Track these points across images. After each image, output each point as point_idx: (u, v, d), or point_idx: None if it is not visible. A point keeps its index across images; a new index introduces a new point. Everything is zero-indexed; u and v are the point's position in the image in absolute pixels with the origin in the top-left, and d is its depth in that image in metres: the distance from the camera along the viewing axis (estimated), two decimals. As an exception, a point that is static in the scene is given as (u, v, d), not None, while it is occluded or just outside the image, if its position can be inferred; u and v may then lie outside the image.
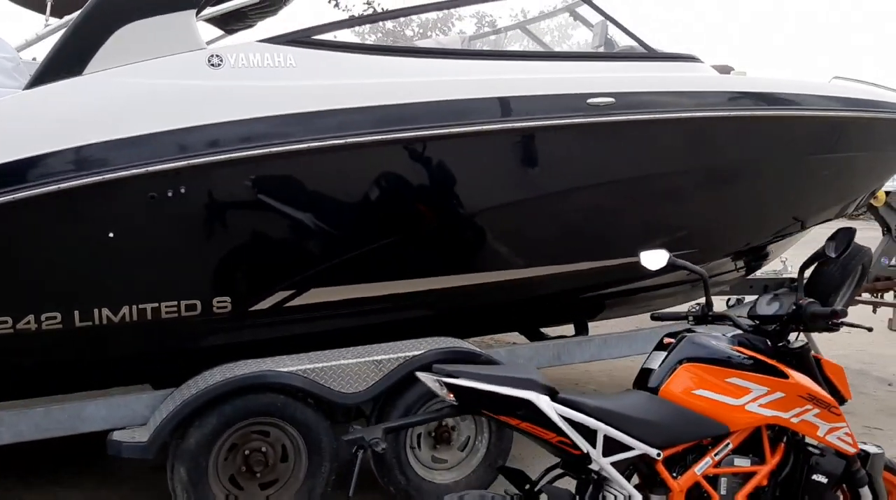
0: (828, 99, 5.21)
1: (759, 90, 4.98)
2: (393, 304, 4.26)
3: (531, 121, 4.22)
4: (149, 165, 3.51)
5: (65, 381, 3.87)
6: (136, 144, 3.52)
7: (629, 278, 5.12)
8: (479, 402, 2.53)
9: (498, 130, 4.18)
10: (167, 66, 3.65)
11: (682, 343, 2.79)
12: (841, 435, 2.80)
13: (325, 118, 3.84)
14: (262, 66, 3.78)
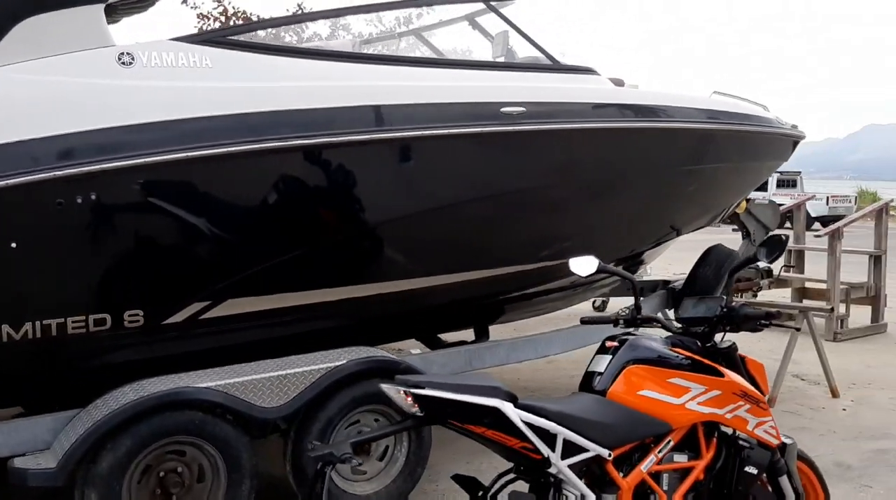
0: (706, 112, 5.57)
1: (648, 103, 5.25)
2: (305, 314, 4.17)
3: (443, 129, 4.25)
4: (56, 170, 3.26)
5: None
6: (42, 146, 3.27)
7: (526, 283, 5.29)
8: (445, 412, 2.52)
9: (409, 138, 4.18)
10: (74, 63, 3.41)
11: (626, 346, 2.90)
12: (767, 428, 3.01)
13: (239, 122, 3.71)
14: (177, 65, 3.61)
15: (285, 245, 3.95)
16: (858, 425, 5.53)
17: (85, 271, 3.46)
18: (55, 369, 3.58)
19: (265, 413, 3.72)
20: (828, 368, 6.25)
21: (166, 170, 3.50)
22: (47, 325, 3.40)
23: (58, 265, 3.40)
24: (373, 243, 4.30)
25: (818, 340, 6.34)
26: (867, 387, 6.54)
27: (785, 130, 6.28)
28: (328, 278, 4.18)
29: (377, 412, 4.09)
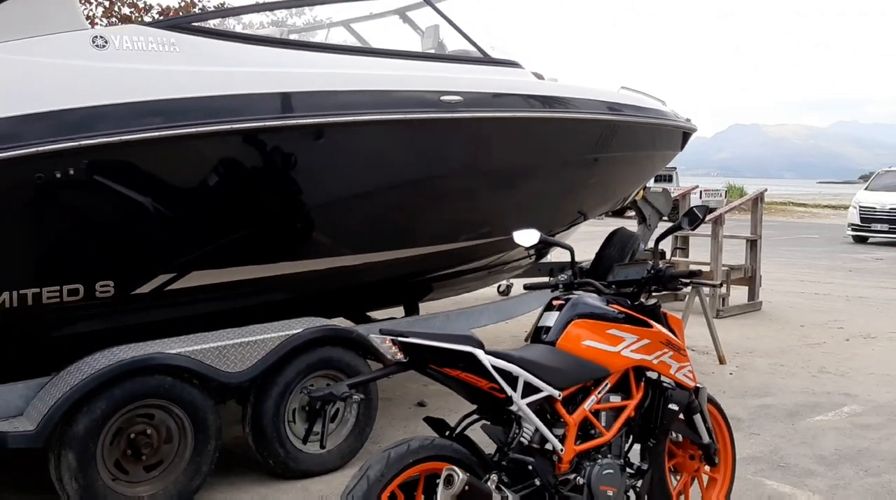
0: (611, 105, 6.13)
1: (560, 95, 5.75)
2: (255, 288, 4.43)
3: (385, 114, 4.59)
4: (34, 146, 3.42)
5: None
6: (22, 123, 3.42)
7: (449, 263, 5.70)
8: (426, 357, 2.88)
9: (353, 122, 4.49)
10: (50, 45, 3.57)
11: (571, 304, 3.34)
12: (686, 372, 3.53)
13: (200, 104, 3.94)
14: (147, 49, 3.81)
15: (238, 222, 4.21)
16: (744, 386, 6.24)
17: (60, 243, 3.62)
18: (29, 338, 3.72)
19: (230, 378, 3.99)
20: (716, 338, 6.98)
21: (136, 149, 3.70)
22: (23, 295, 3.54)
23: (34, 238, 3.56)
24: (310, 223, 4.57)
25: (708, 312, 7.05)
26: (748, 355, 7.32)
27: (680, 123, 6.95)
28: (272, 254, 4.44)
29: (329, 377, 4.41)
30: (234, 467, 4.32)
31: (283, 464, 4.19)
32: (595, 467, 3.16)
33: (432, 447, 2.83)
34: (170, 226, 3.90)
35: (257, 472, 4.27)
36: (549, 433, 3.08)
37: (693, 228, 3.52)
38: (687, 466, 3.72)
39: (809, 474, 4.46)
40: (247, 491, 4.10)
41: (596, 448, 3.22)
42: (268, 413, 4.12)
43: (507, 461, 2.96)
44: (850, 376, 6.63)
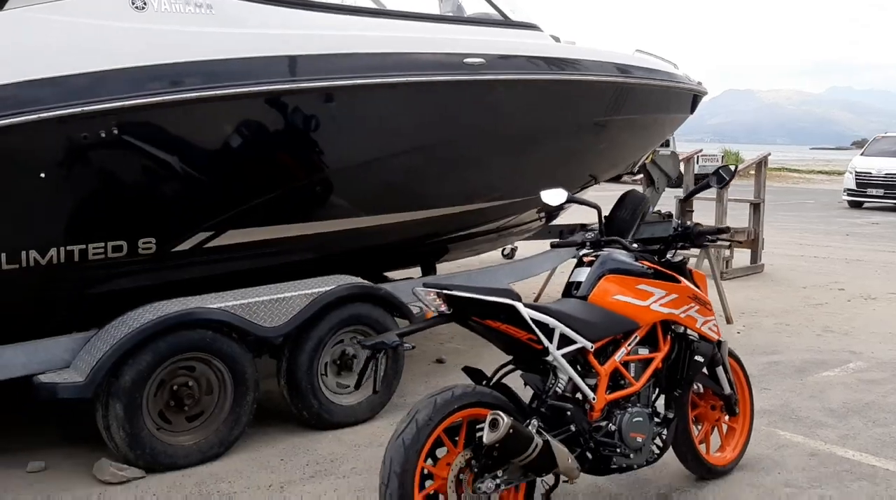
0: (624, 67, 6.21)
1: (574, 57, 5.82)
2: (285, 247, 4.56)
3: (411, 77, 4.68)
4: (81, 106, 3.50)
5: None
6: (67, 83, 3.50)
7: (464, 224, 5.83)
8: (468, 309, 3.02)
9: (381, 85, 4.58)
10: (91, 6, 3.64)
11: (602, 260, 3.47)
12: (711, 326, 3.68)
13: (242, 66, 4.03)
14: (184, 11, 3.88)
15: (270, 183, 4.31)
16: (752, 343, 6.42)
17: (104, 201, 3.72)
18: (74, 293, 3.84)
19: (266, 332, 4.12)
20: (724, 298, 7.15)
21: (175, 110, 3.79)
22: (70, 251, 3.66)
23: (81, 195, 3.66)
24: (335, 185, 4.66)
25: (716, 272, 7.21)
26: (754, 315, 7.50)
27: (692, 86, 7.05)
28: (301, 214, 4.56)
29: (359, 332, 4.56)
30: (269, 418, 4.48)
31: (317, 415, 4.35)
32: (625, 415, 3.32)
33: (475, 395, 2.98)
34: (208, 186, 4.01)
35: (291, 423, 4.43)
36: (582, 382, 3.23)
37: (721, 187, 3.64)
38: (708, 416, 3.89)
39: (820, 425, 4.64)
40: (282, 441, 4.26)
41: (626, 398, 3.38)
42: (302, 367, 4.27)
43: (544, 407, 3.12)
44: (853, 335, 6.82)
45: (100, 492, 3.65)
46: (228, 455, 4.04)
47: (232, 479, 3.80)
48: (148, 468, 3.80)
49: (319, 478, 3.83)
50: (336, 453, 4.13)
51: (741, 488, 3.79)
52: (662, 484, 3.80)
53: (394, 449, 2.83)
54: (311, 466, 3.97)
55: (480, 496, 2.94)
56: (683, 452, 3.72)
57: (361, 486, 3.73)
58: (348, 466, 3.97)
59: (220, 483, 3.75)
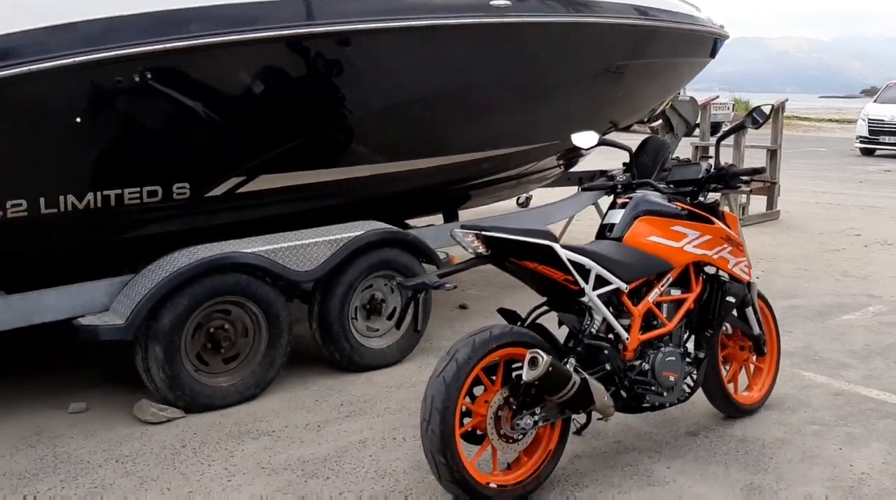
0: (644, 9, 6.12)
1: None
2: (314, 193, 4.58)
3: (436, 20, 4.64)
4: (115, 50, 3.51)
5: (23, 275, 3.80)
6: (104, 27, 3.50)
7: (488, 170, 5.83)
8: (507, 250, 3.06)
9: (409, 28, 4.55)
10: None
11: (636, 201, 3.49)
12: (742, 267, 3.72)
13: (264, 9, 4.01)
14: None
15: (300, 128, 4.33)
16: (772, 288, 6.43)
17: (140, 145, 3.75)
18: (110, 238, 3.89)
19: (299, 276, 4.18)
20: (744, 243, 7.16)
21: (210, 55, 3.79)
22: (106, 196, 3.70)
23: (117, 140, 3.69)
24: (363, 130, 4.66)
25: (736, 218, 7.22)
26: (772, 261, 7.53)
27: (714, 29, 6.97)
28: (330, 159, 4.58)
29: (386, 277, 4.61)
30: (303, 361, 4.56)
31: (349, 358, 4.43)
32: (658, 354, 3.38)
33: (512, 334, 3.04)
34: (239, 132, 4.03)
35: (324, 366, 4.51)
36: (616, 322, 3.28)
37: (757, 127, 3.64)
38: (737, 356, 3.95)
39: (843, 366, 4.71)
40: (316, 383, 4.34)
41: (658, 338, 3.43)
42: (333, 311, 4.33)
43: (581, 347, 3.17)
44: (872, 280, 6.85)
45: (141, 431, 3.75)
46: (265, 396, 4.13)
47: (269, 418, 3.89)
48: (187, 409, 3.89)
49: (354, 417, 3.92)
50: (369, 394, 4.21)
51: (768, 426, 3.86)
52: (691, 423, 3.87)
53: (434, 387, 2.90)
54: (346, 406, 4.05)
55: (518, 432, 3.02)
56: (712, 391, 3.79)
57: (396, 424, 3.81)
58: (381, 406, 4.05)
59: (258, 423, 3.84)
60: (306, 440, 3.66)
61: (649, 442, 3.67)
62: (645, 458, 3.51)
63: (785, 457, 3.53)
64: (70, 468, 3.37)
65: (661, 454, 3.56)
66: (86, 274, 3.89)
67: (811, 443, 3.67)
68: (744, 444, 3.66)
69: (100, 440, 3.65)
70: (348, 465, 3.42)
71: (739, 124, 3.70)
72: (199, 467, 3.39)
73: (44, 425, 3.80)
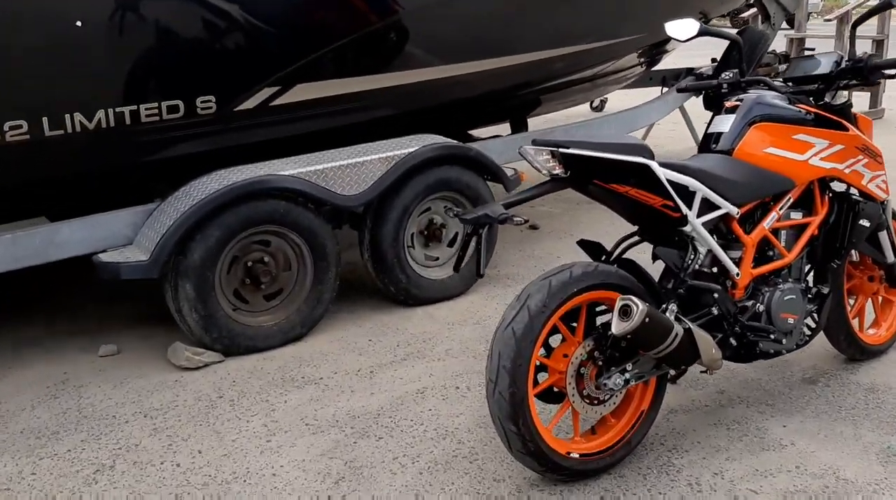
0: None
1: None
2: (363, 102, 4.00)
3: None
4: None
5: (31, 205, 3.38)
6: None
7: (558, 72, 5.15)
8: (591, 171, 2.46)
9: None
10: None
11: (750, 104, 2.81)
12: (879, 183, 3.04)
13: None
14: None
15: (340, 28, 3.73)
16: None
17: (155, 53, 3.22)
18: (129, 161, 3.41)
19: (346, 201, 3.66)
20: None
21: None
22: (120, 113, 3.20)
23: (126, 47, 3.16)
24: (410, 30, 4.05)
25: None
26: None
27: None
28: (377, 63, 3.98)
29: (447, 199, 4.06)
30: (354, 295, 4.09)
31: (405, 291, 3.93)
32: (776, 292, 2.78)
33: (596, 274, 2.47)
34: (270, 32, 3.46)
35: (378, 299, 4.04)
36: (725, 255, 2.68)
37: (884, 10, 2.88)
38: (864, 288, 3.31)
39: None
40: (369, 319, 3.88)
41: (775, 272, 2.82)
42: (387, 238, 3.81)
43: (683, 288, 2.58)
44: None
45: (176, 378, 3.35)
46: (312, 336, 3.68)
47: (317, 363, 3.45)
48: (226, 352, 3.47)
49: (412, 361, 3.44)
50: (428, 332, 3.73)
51: (901, 371, 3.24)
52: (807, 367, 3.29)
53: (502, 341, 2.36)
54: (402, 347, 3.58)
55: (605, 392, 2.49)
56: (835, 331, 3.17)
57: (459, 370, 3.33)
58: (442, 347, 3.57)
59: (304, 368, 3.40)
60: (357, 390, 3.20)
61: (759, 392, 3.10)
62: (755, 413, 2.95)
63: (927, 412, 2.93)
64: (94, 425, 2.99)
65: (773, 407, 2.99)
66: (105, 204, 3.44)
67: (958, 393, 3.04)
68: (874, 395, 3.07)
69: (129, 390, 3.26)
70: (404, 421, 2.95)
71: (886, 2, 2.94)
72: (236, 423, 2.97)
73: (71, 371, 3.44)
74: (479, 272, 2.43)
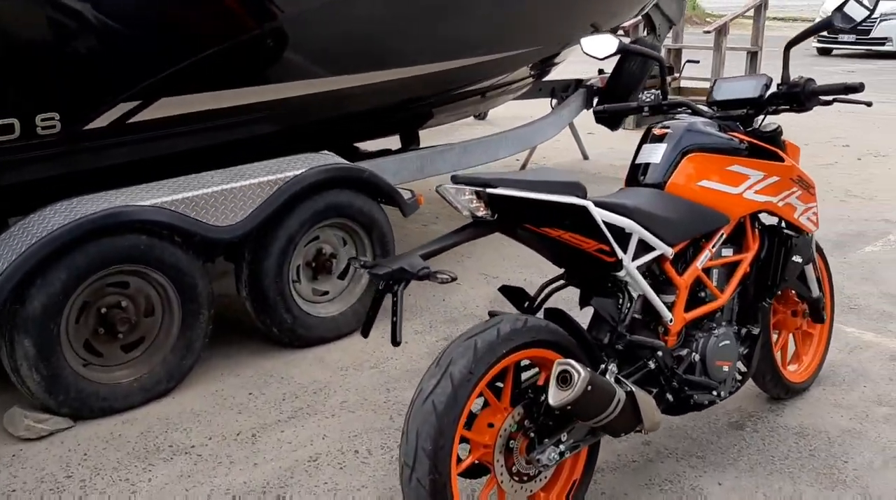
0: None
1: None
2: (237, 118, 3.51)
3: None
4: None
5: None
6: None
7: (455, 84, 4.83)
8: (521, 214, 2.11)
9: None
10: None
11: (680, 133, 2.53)
12: (810, 215, 2.84)
13: None
14: None
15: (214, 33, 3.24)
16: (776, 215, 5.66)
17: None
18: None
19: (219, 232, 3.16)
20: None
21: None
22: (-66, 134, 2.60)
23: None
24: (289, 38, 3.60)
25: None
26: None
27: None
28: (255, 74, 3.50)
29: (338, 226, 3.63)
30: (232, 338, 3.59)
31: (291, 332, 3.47)
32: (710, 338, 2.53)
33: (527, 331, 2.11)
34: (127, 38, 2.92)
35: (258, 340, 3.55)
36: (658, 301, 2.39)
37: (852, 27, 2.68)
38: (788, 323, 3.12)
39: (887, 317, 3.95)
40: (249, 366, 3.39)
41: (708, 315, 2.57)
42: (269, 273, 3.34)
43: (622, 343, 2.27)
44: (880, 200, 6.12)
45: (13, 452, 2.77)
46: (181, 391, 3.16)
47: (188, 425, 2.94)
48: (75, 416, 2.92)
49: (301, 418, 2.99)
50: (319, 380, 3.28)
51: (827, 410, 3.07)
52: (731, 409, 3.07)
53: (421, 417, 1.97)
54: (289, 401, 3.12)
55: (537, 467, 2.14)
56: (762, 371, 2.96)
57: (356, 429, 2.91)
58: (336, 399, 3.14)
59: (172, 433, 2.89)
60: (237, 460, 2.72)
61: (686, 442, 2.85)
62: (687, 468, 2.69)
63: (862, 459, 2.75)
64: None
65: (704, 460, 2.74)
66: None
67: (887, 435, 2.89)
68: (805, 440, 2.87)
69: (-49, 472, 2.66)
70: (295, 498, 2.51)
71: (825, 22, 2.73)
72: (88, 512, 2.45)
73: None
74: (395, 340, 2.02)
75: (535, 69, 5.92)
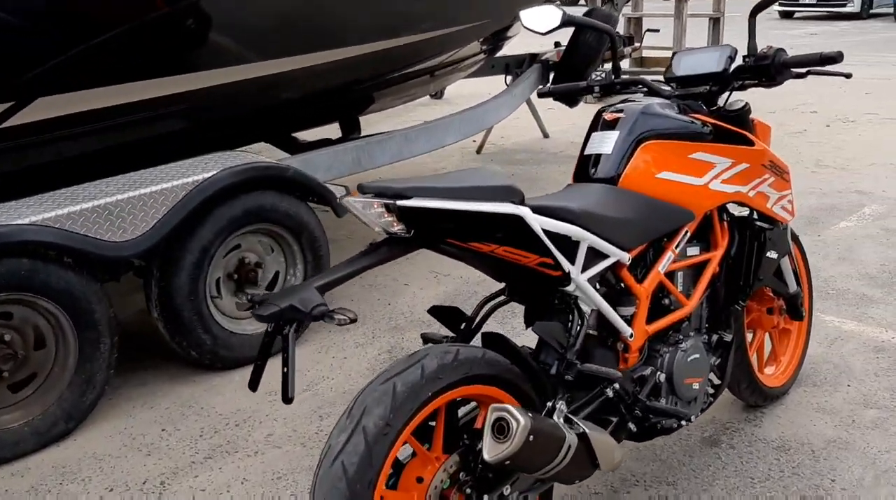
0: None
1: None
2: (140, 114, 3.10)
3: None
4: None
5: None
6: None
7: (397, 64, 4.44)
8: (443, 228, 1.74)
9: None
10: None
11: (634, 117, 2.17)
12: (785, 204, 2.51)
13: None
14: None
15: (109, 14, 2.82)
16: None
17: None
18: None
19: (118, 249, 2.76)
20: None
21: None
22: None
23: None
24: (213, 15, 3.19)
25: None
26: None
27: None
28: (163, 62, 3.09)
29: (262, 232, 3.24)
30: (147, 360, 3.20)
31: (212, 353, 3.09)
32: (677, 353, 2.19)
33: (459, 366, 1.75)
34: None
35: (177, 363, 3.17)
36: (615, 314, 2.05)
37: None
38: (763, 322, 2.80)
39: (867, 301, 3.65)
40: (164, 395, 3.01)
41: (675, 325, 2.23)
42: (181, 291, 2.95)
43: (572, 374, 1.92)
44: (852, 170, 5.85)
45: None
46: (82, 432, 2.78)
47: (88, 473, 2.56)
48: (-44, 471, 2.52)
49: (219, 458, 2.62)
50: (243, 409, 2.91)
51: (809, 416, 2.76)
52: (704, 421, 2.75)
53: (329, 483, 1.61)
54: (207, 437, 2.75)
55: (479, 529, 1.79)
56: (736, 378, 2.64)
57: (282, 469, 2.55)
58: (261, 432, 2.77)
59: (68, 484, 2.51)
60: (142, 515, 2.36)
61: (656, 465, 2.52)
62: (656, 498, 2.36)
63: (851, 476, 2.44)
64: None
65: (676, 487, 2.42)
66: None
67: (877, 444, 2.59)
68: (787, 455, 2.55)
69: None
70: (206, 563, 2.15)
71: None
72: None
73: None
74: (285, 396, 1.65)
75: (487, 44, 5.54)
